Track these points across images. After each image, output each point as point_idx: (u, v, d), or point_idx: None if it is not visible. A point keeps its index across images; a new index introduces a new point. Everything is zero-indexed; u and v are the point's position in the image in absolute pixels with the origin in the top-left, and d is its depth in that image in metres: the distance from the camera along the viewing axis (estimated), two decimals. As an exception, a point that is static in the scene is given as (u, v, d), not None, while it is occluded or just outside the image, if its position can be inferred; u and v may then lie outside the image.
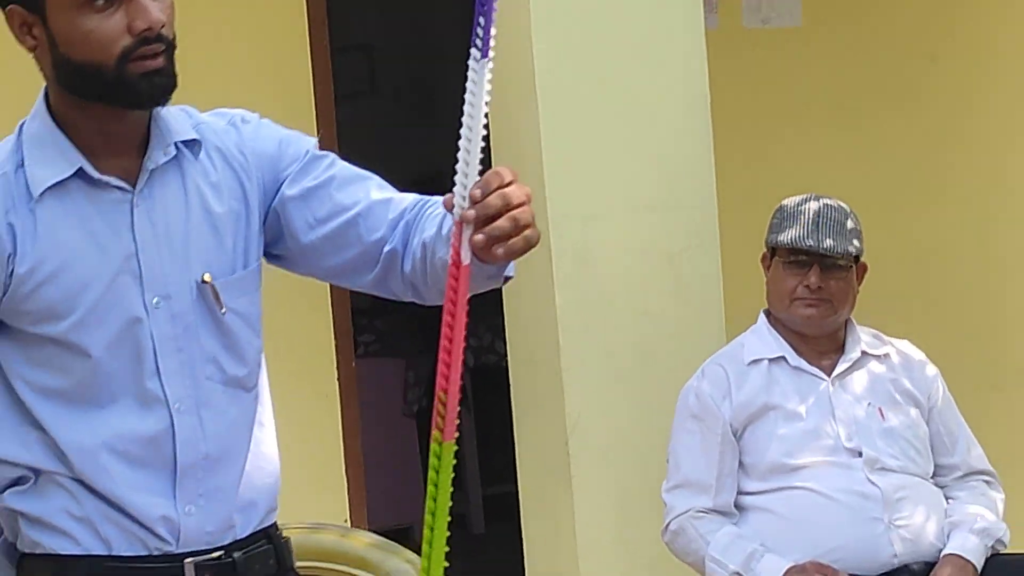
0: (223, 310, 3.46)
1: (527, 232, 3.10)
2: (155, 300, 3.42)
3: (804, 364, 5.87)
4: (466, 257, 3.10)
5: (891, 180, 8.92)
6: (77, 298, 3.38)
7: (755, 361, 5.90)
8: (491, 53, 3.07)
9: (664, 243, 6.89)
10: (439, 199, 3.38)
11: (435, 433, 3.11)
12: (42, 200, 3.37)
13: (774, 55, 8.99)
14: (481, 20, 3.10)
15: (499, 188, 3.06)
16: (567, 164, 6.80)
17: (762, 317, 5.99)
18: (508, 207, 3.06)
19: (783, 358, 5.88)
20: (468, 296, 3.15)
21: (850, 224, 5.88)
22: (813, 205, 5.88)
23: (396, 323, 10.53)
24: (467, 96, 3.10)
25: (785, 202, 5.97)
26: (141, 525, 3.42)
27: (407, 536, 9.48)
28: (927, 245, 9.03)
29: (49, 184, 3.37)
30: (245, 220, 3.53)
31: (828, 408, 5.82)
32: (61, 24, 3.30)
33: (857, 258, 5.89)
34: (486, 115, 3.10)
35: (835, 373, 5.88)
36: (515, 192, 3.08)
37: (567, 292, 6.84)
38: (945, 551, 5.67)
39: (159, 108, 3.41)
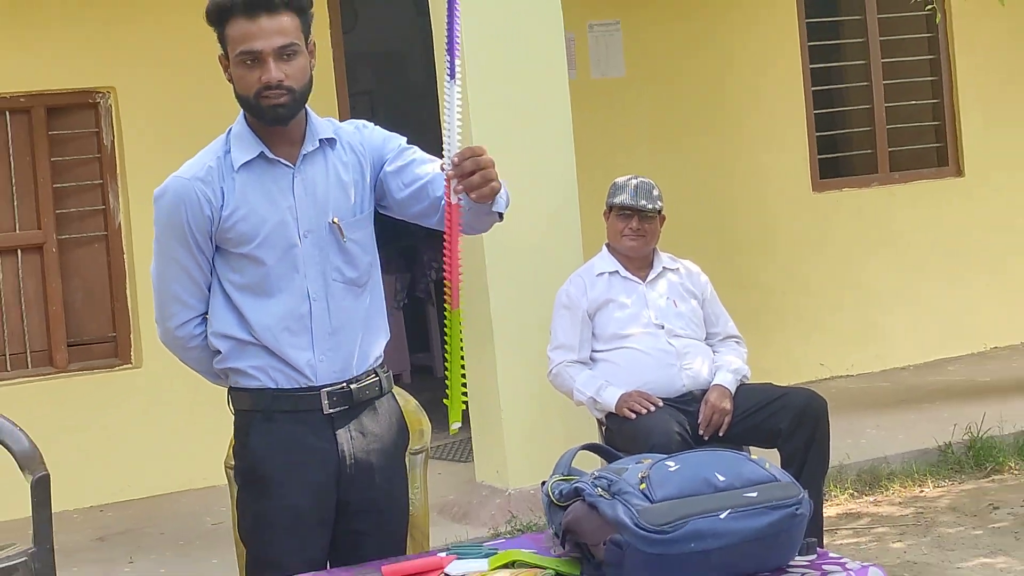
0: (345, 239, 3.51)
1: (492, 183, 3.25)
2: (304, 233, 3.48)
3: (629, 275, 5.83)
4: (454, 199, 3.24)
5: (689, 169, 8.90)
6: (258, 230, 3.45)
7: (600, 274, 5.85)
8: (457, 77, 3.24)
9: (547, 208, 6.89)
10: None
11: (447, 306, 3.30)
12: (239, 171, 3.46)
13: (611, 95, 8.93)
14: (448, 57, 3.26)
15: (471, 156, 3.21)
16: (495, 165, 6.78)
17: (605, 248, 5.94)
18: (478, 167, 3.20)
19: (617, 272, 5.84)
20: (460, 225, 3.30)
21: (655, 192, 5.84)
22: (634, 181, 5.85)
23: (388, 254, 10.41)
24: (445, 99, 3.28)
25: (617, 179, 5.92)
26: (295, 369, 3.48)
27: (398, 379, 9.40)
28: (714, 209, 9.00)
29: (243, 162, 3.46)
30: (361, 185, 3.55)
31: (643, 301, 5.79)
32: (233, 69, 3.42)
33: (660, 212, 5.84)
34: (459, 111, 3.26)
35: (647, 280, 5.84)
36: (483, 158, 3.22)
37: (493, 238, 6.77)
38: (713, 382, 5.66)
39: (312, 116, 3.53)
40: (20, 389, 7.63)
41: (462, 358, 3.30)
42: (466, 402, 3.30)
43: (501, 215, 3.48)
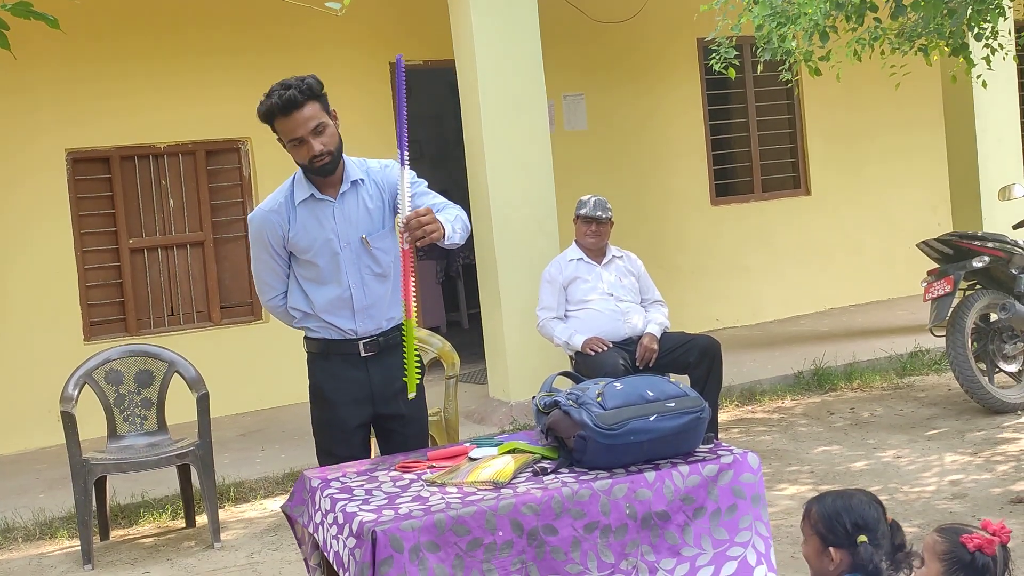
0: (371, 248, 3.43)
1: (432, 234, 3.17)
2: (343, 245, 3.42)
3: (590, 261, 5.78)
4: (406, 245, 3.18)
5: (629, 190, 8.86)
6: (312, 244, 3.41)
7: (571, 259, 5.80)
8: (407, 164, 3.17)
9: (536, 216, 6.85)
10: (448, 212, 3.41)
11: (404, 315, 3.22)
12: (298, 206, 3.41)
13: (577, 142, 8.87)
14: (398, 151, 3.17)
15: (415, 218, 3.14)
16: (501, 189, 6.71)
17: (574, 243, 5.87)
18: (419, 225, 3.14)
19: (582, 258, 5.79)
20: (412, 262, 3.22)
21: (608, 206, 5.80)
22: (593, 198, 5.80)
23: (432, 245, 10.36)
24: (399, 183, 3.22)
25: (582, 197, 5.86)
26: (341, 330, 3.46)
27: (437, 330, 9.38)
28: (645, 217, 8.97)
29: (301, 199, 3.41)
30: (382, 209, 3.46)
31: (599, 278, 5.74)
32: (289, 149, 3.38)
33: (610, 219, 5.79)
34: (409, 190, 3.21)
35: (602, 264, 5.79)
36: (423, 218, 3.15)
37: (500, 233, 6.76)
38: (645, 331, 5.61)
39: (347, 163, 3.45)
40: (190, 336, 7.63)
41: (417, 354, 3.27)
42: (420, 379, 3.31)
43: (454, 243, 3.39)
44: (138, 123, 7.57)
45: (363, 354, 3.47)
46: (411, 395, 3.31)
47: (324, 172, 3.36)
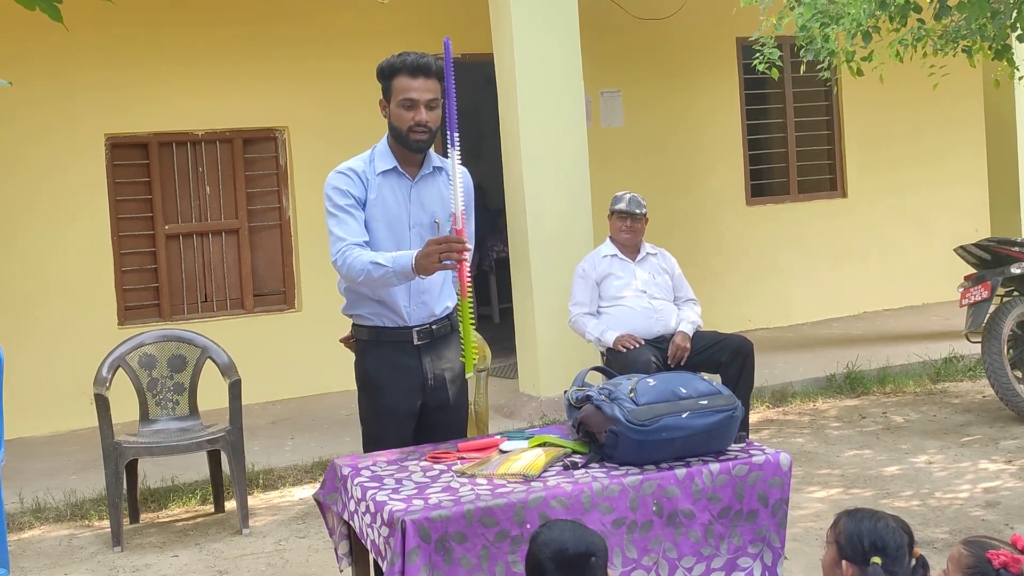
0: (439, 232, 3.40)
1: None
2: (412, 225, 3.40)
3: (624, 257, 5.75)
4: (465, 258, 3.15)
5: (664, 188, 8.82)
6: (384, 214, 3.39)
7: (605, 256, 5.78)
8: (457, 144, 3.15)
9: (570, 211, 6.83)
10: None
11: (459, 295, 3.23)
12: (378, 176, 3.38)
13: (614, 138, 8.83)
14: (447, 132, 3.16)
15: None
16: (536, 184, 6.70)
17: (608, 239, 5.85)
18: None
19: (616, 255, 5.76)
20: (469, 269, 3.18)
21: (643, 202, 5.76)
22: (628, 195, 5.77)
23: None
24: (450, 160, 3.21)
25: (617, 193, 5.84)
26: (396, 313, 3.42)
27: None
28: (680, 215, 8.93)
29: (382, 170, 3.39)
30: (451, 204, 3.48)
31: (633, 274, 5.71)
32: (393, 110, 3.36)
33: (645, 215, 5.76)
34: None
35: (636, 261, 5.76)
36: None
37: (534, 230, 6.75)
38: (678, 329, 5.58)
39: (430, 151, 3.47)
40: (223, 323, 7.66)
41: (473, 324, 3.28)
42: (475, 363, 3.29)
43: None
44: (176, 110, 7.62)
45: (416, 342, 3.44)
46: (468, 375, 3.35)
47: (416, 146, 3.36)
